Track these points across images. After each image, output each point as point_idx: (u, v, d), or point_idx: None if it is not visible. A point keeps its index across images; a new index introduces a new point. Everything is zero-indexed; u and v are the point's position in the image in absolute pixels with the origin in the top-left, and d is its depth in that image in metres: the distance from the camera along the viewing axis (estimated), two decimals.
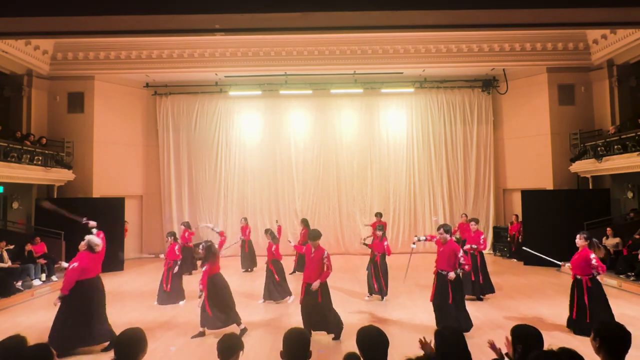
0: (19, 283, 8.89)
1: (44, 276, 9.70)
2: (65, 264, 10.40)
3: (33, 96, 12.90)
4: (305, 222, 11.15)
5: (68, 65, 13.16)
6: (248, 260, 11.71)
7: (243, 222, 12.06)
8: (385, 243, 8.45)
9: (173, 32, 9.01)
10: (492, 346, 3.01)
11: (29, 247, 10.02)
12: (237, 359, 2.69)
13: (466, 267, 6.14)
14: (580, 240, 6.30)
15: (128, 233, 13.25)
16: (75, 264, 5.63)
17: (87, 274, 5.68)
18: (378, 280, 8.25)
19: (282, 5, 6.07)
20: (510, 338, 2.74)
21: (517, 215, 13.53)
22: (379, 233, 8.51)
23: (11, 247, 9.75)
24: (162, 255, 8.83)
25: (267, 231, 8.92)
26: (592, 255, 6.08)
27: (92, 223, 6.31)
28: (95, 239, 5.91)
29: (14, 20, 6.23)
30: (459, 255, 6.09)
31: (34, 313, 7.79)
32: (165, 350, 5.77)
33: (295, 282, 9.14)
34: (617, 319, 2.32)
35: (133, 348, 2.53)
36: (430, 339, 2.72)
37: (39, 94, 13.10)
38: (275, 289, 8.29)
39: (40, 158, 11.62)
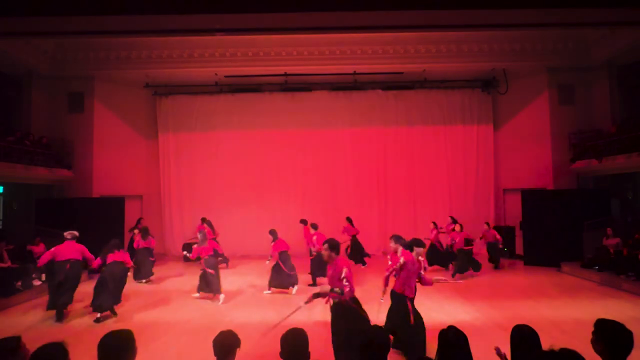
0: (19, 283, 8.88)
1: (43, 276, 9.68)
2: None
3: (33, 96, 12.88)
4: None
5: (68, 65, 13.14)
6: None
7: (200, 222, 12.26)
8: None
9: (173, 32, 9.04)
10: (498, 351, 2.98)
11: (28, 247, 10.01)
12: (234, 356, 2.68)
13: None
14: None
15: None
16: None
17: (58, 258, 7.39)
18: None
19: (282, 5, 6.09)
20: (500, 351, 2.75)
21: (488, 224, 12.32)
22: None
23: (11, 247, 9.74)
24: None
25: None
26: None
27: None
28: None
29: (14, 20, 6.23)
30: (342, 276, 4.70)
31: (33, 313, 7.77)
32: (166, 350, 5.77)
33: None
34: (618, 319, 2.29)
35: (118, 351, 2.37)
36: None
37: (39, 94, 13.08)
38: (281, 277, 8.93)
39: (41, 158, 11.61)
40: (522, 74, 13.88)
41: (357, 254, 12.01)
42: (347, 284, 4.56)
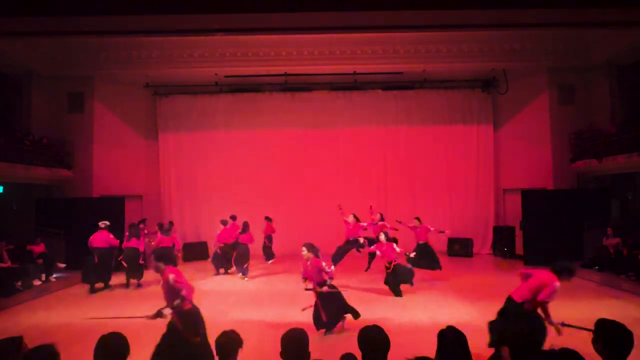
0: (19, 283, 8.88)
1: (43, 276, 9.69)
2: (63, 266, 10.49)
3: (33, 96, 12.87)
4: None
5: (68, 65, 13.13)
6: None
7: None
8: None
9: (173, 32, 9.06)
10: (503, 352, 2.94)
11: (28, 247, 10.01)
12: (236, 356, 2.66)
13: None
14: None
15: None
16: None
17: (93, 244, 9.40)
18: None
19: (282, 5, 6.09)
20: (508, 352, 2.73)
21: (419, 219, 10.78)
22: None
23: (11, 247, 9.73)
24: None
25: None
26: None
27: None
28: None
29: (14, 20, 6.24)
30: None
31: (33, 313, 7.78)
32: None
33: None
34: (618, 319, 2.27)
35: (113, 354, 2.40)
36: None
37: (39, 94, 13.07)
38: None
39: (41, 158, 11.61)
40: (522, 74, 13.86)
41: (269, 251, 13.10)
42: (181, 289, 4.55)
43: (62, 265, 10.58)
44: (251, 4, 6.03)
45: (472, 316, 7.10)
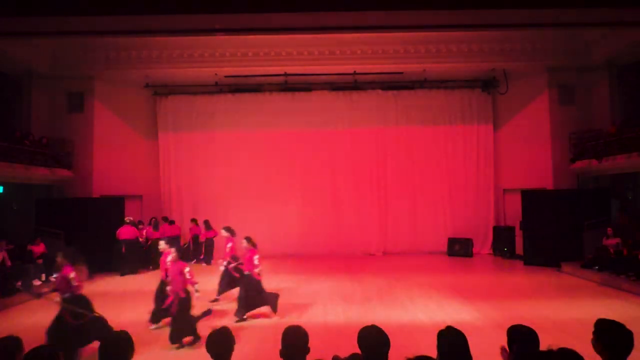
0: (19, 283, 8.88)
1: (43, 276, 9.69)
2: None
3: (33, 96, 12.88)
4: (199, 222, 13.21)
5: (68, 65, 13.12)
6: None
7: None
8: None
9: (173, 32, 9.06)
10: (503, 351, 2.91)
11: (28, 247, 10.01)
12: (230, 355, 2.60)
13: None
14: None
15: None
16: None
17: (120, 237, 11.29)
18: None
19: (282, 6, 6.10)
20: (507, 348, 2.73)
21: (248, 239, 7.76)
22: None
23: (11, 247, 9.74)
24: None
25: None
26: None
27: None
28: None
29: (14, 20, 6.25)
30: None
31: (33, 313, 7.77)
32: (166, 350, 5.77)
33: None
34: (618, 319, 2.28)
35: (117, 352, 2.39)
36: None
37: (39, 94, 13.07)
38: None
39: (41, 158, 11.62)
40: (522, 74, 13.86)
41: (208, 253, 13.16)
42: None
43: None
44: (251, 4, 6.03)
45: (472, 316, 7.11)
